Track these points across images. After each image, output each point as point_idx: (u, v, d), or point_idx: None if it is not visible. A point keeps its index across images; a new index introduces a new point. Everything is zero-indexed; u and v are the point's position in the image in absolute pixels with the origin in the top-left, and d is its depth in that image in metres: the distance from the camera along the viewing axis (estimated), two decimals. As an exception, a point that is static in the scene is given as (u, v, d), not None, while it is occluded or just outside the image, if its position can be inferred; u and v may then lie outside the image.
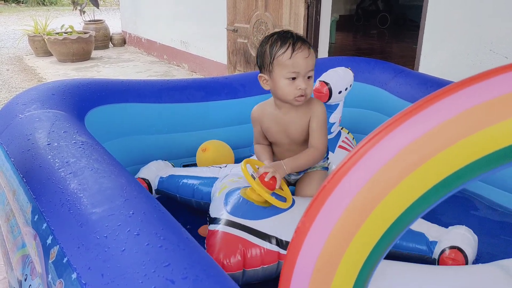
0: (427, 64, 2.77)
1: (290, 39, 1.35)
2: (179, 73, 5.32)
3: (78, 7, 6.68)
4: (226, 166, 1.69)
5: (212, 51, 4.85)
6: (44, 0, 14.27)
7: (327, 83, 1.80)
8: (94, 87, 1.84)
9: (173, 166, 1.86)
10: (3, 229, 1.27)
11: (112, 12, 11.75)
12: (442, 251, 1.33)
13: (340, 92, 1.83)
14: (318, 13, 3.35)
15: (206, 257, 0.79)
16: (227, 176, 1.56)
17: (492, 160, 0.70)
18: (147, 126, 1.95)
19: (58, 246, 0.84)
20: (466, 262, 1.31)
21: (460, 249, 1.31)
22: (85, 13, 6.82)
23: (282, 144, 1.50)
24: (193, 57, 5.27)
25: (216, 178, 1.61)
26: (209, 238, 1.28)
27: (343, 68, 1.91)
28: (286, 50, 1.33)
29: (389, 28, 8.20)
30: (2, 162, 1.28)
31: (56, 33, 6.04)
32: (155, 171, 1.76)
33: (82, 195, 0.94)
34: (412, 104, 0.76)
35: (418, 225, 1.41)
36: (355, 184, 0.75)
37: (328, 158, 1.61)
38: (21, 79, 5.00)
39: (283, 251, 1.24)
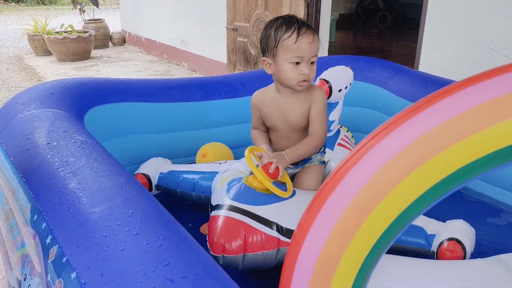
0: (427, 62, 2.76)
1: (295, 24, 1.35)
2: (179, 72, 5.31)
3: (78, 6, 6.67)
4: (226, 162, 1.69)
5: (212, 50, 4.85)
6: (43, -1, 14.27)
7: (327, 81, 1.80)
8: (93, 86, 1.84)
9: (172, 164, 1.87)
10: (2, 229, 1.27)
11: (111, 11, 11.75)
12: (441, 244, 1.34)
13: (340, 90, 1.83)
14: (318, 11, 3.35)
15: (206, 256, 0.79)
16: (228, 170, 1.57)
17: (491, 160, 0.70)
18: (146, 125, 1.95)
19: (57, 245, 0.84)
20: (465, 253, 1.32)
21: (458, 241, 1.32)
22: (85, 12, 6.82)
23: (280, 130, 1.50)
24: (193, 56, 5.27)
25: (216, 172, 1.62)
26: (211, 223, 1.29)
27: (343, 66, 1.91)
28: (291, 34, 1.34)
29: (389, 27, 8.19)
30: (1, 162, 1.28)
31: (55, 32, 6.03)
32: (156, 167, 1.78)
33: (81, 194, 0.94)
34: (412, 103, 0.76)
35: (417, 220, 1.41)
36: (356, 183, 0.75)
37: (325, 152, 1.61)
38: (20, 78, 5.00)
39: (283, 238, 1.26)
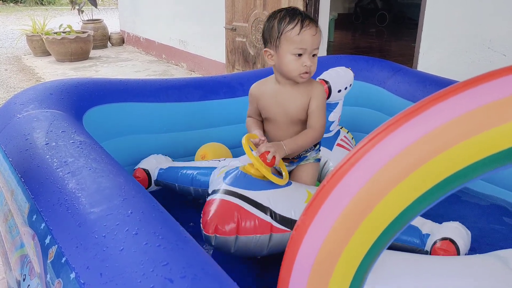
0: (425, 62, 2.77)
1: (299, 16, 1.37)
2: (178, 72, 5.31)
3: (77, 7, 6.66)
4: (224, 160, 1.70)
5: (211, 50, 4.85)
6: (42, 0, 14.24)
7: (326, 81, 1.80)
8: (92, 86, 1.84)
9: (172, 161, 1.88)
10: (1, 229, 1.26)
11: (110, 12, 11.74)
12: (434, 243, 1.34)
13: (339, 91, 1.83)
14: (316, 11, 3.35)
15: (205, 256, 0.79)
16: (226, 166, 1.58)
17: (489, 162, 0.70)
18: (145, 125, 1.95)
19: (56, 245, 0.84)
20: (458, 254, 1.32)
21: (452, 241, 1.32)
22: (83, 12, 6.81)
23: (277, 121, 1.50)
24: (192, 56, 5.27)
25: (215, 167, 1.64)
26: (206, 206, 1.32)
27: (344, 67, 1.92)
28: (295, 26, 1.35)
29: (388, 27, 8.20)
30: (0, 162, 1.28)
31: (54, 33, 6.03)
32: (156, 163, 1.81)
33: (80, 194, 0.94)
34: (410, 102, 0.76)
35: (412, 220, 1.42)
36: (355, 184, 0.75)
37: (320, 150, 1.62)
38: (19, 79, 4.99)
39: (276, 224, 1.28)
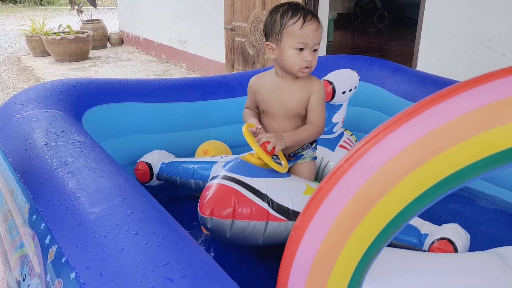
0: (425, 61, 2.77)
1: (301, 11, 1.38)
2: (177, 72, 5.31)
3: (76, 7, 6.66)
4: (226, 156, 1.72)
5: (210, 50, 4.85)
6: (41, 0, 14.23)
7: (331, 83, 1.80)
8: (91, 86, 1.84)
9: (175, 157, 1.89)
10: (1, 230, 1.26)
11: (109, 12, 11.74)
12: (432, 243, 1.34)
13: (344, 92, 1.83)
14: (315, 11, 3.35)
15: (205, 256, 0.79)
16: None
17: (488, 163, 0.70)
18: (145, 125, 1.95)
19: (56, 245, 0.84)
20: None
21: (450, 241, 1.32)
22: (83, 12, 6.81)
23: (274, 114, 1.50)
24: (191, 56, 5.27)
25: (216, 162, 1.65)
26: (204, 190, 1.33)
27: (349, 70, 1.92)
28: (297, 20, 1.36)
29: (387, 26, 8.20)
30: None
31: (53, 33, 6.02)
32: (158, 158, 1.84)
33: (80, 194, 0.94)
34: (410, 102, 0.76)
35: (411, 221, 1.42)
36: (354, 184, 0.75)
37: (316, 149, 1.62)
38: (18, 79, 4.99)
39: (272, 212, 1.30)
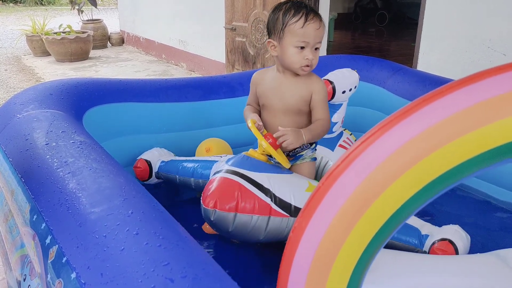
0: (425, 61, 2.77)
1: (304, 9, 1.39)
2: (178, 72, 5.31)
3: (76, 7, 6.66)
4: (226, 156, 1.71)
5: (211, 50, 4.85)
6: (42, 0, 14.23)
7: (331, 82, 1.80)
8: (92, 86, 1.84)
9: (174, 156, 1.89)
10: (1, 230, 1.26)
11: (110, 12, 11.74)
12: (433, 244, 1.34)
13: (343, 92, 1.83)
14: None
15: (205, 256, 0.79)
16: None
17: (483, 160, 0.71)
18: (145, 125, 1.95)
19: (57, 246, 0.84)
20: (457, 254, 1.31)
21: (451, 241, 1.32)
22: (83, 12, 6.81)
23: (273, 108, 1.52)
24: (192, 56, 5.27)
25: (216, 161, 1.66)
26: (208, 184, 1.34)
27: (349, 69, 1.92)
28: (299, 19, 1.37)
29: (388, 26, 8.20)
30: (0, 162, 1.28)
31: (54, 33, 6.02)
32: (158, 156, 1.84)
33: (80, 194, 0.94)
34: (410, 102, 0.76)
35: (412, 223, 1.42)
36: (350, 183, 0.75)
37: (316, 150, 1.62)
38: (19, 79, 4.99)
39: (274, 206, 1.30)
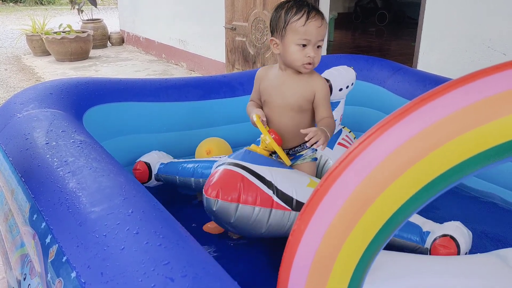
0: (425, 61, 2.77)
1: (306, 7, 1.40)
2: (178, 71, 5.31)
3: (76, 6, 6.66)
4: (225, 157, 1.72)
5: (211, 49, 4.85)
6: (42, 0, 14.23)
7: (327, 80, 1.80)
8: (92, 86, 1.84)
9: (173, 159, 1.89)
10: (1, 229, 1.26)
11: (110, 11, 11.73)
12: (434, 240, 1.34)
13: (340, 89, 1.83)
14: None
15: (205, 255, 0.79)
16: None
17: (483, 158, 0.71)
18: (145, 125, 1.95)
19: (57, 245, 0.84)
20: (458, 251, 1.32)
21: (452, 237, 1.32)
22: (83, 12, 6.81)
23: (273, 104, 1.53)
24: (192, 56, 5.26)
25: (216, 161, 1.66)
26: (211, 176, 1.35)
27: (345, 66, 1.92)
28: (300, 17, 1.39)
29: (388, 26, 8.20)
30: (0, 162, 1.28)
31: (54, 33, 6.02)
32: (157, 158, 1.84)
33: (81, 194, 0.94)
34: (409, 102, 0.76)
35: (412, 219, 1.42)
36: (350, 183, 0.75)
37: (316, 150, 1.63)
38: (19, 78, 4.99)
39: (276, 199, 1.31)
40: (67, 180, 1.00)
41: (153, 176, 1.80)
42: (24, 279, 1.00)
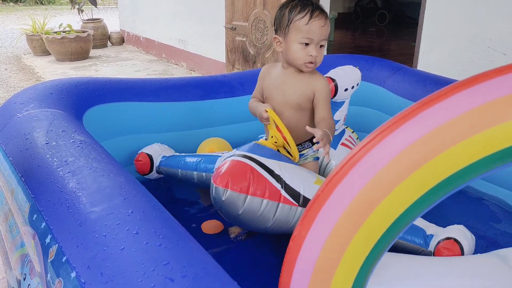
0: (425, 61, 2.77)
1: (310, 6, 1.41)
2: (178, 71, 5.31)
3: (76, 6, 6.66)
4: (228, 152, 1.72)
5: (211, 49, 4.85)
6: (42, -1, 14.24)
7: (333, 80, 1.81)
8: (92, 86, 1.84)
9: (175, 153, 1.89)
10: (1, 229, 1.27)
11: (110, 11, 11.73)
12: (438, 243, 1.34)
13: (346, 89, 1.83)
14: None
15: (205, 256, 0.79)
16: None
17: (489, 162, 0.70)
18: (145, 125, 1.95)
19: (57, 245, 0.84)
20: (462, 254, 1.32)
21: (456, 240, 1.32)
22: (83, 12, 6.81)
23: (274, 101, 1.53)
24: (192, 56, 5.26)
25: (219, 156, 1.65)
26: (220, 166, 1.34)
27: (351, 66, 1.92)
28: (304, 16, 1.39)
29: (388, 26, 8.20)
30: (0, 162, 1.28)
31: (54, 32, 6.02)
32: (159, 150, 1.84)
33: (80, 194, 0.94)
34: (410, 101, 0.76)
35: (416, 222, 1.42)
36: (355, 186, 0.75)
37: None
38: (19, 78, 4.99)
39: (284, 193, 1.30)
40: (67, 180, 1.00)
41: (154, 168, 1.80)
42: (24, 279, 1.00)
